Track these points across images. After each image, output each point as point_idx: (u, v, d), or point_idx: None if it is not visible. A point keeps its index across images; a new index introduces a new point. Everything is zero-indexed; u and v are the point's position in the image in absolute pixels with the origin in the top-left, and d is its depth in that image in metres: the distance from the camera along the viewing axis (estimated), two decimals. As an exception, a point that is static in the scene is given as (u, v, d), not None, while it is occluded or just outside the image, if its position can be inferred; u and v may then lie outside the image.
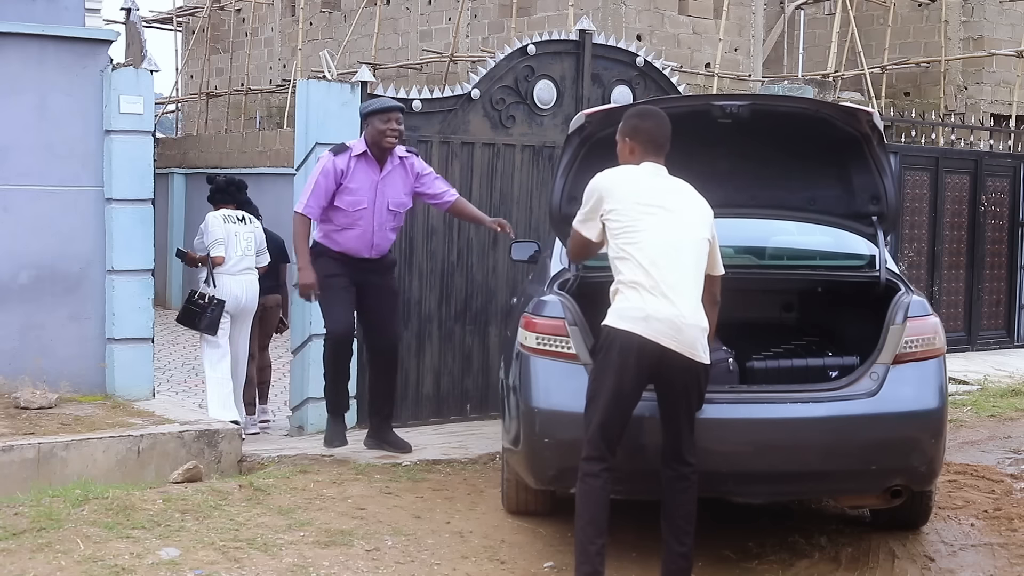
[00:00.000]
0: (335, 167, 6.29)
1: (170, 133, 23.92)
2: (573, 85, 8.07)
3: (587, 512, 4.34)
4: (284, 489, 5.69)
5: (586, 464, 4.39)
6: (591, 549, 4.28)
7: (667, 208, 4.46)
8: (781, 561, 5.00)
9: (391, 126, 6.28)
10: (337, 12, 20.34)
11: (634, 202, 4.46)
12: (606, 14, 15.06)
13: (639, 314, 4.32)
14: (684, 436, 4.46)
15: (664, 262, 4.36)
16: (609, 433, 4.38)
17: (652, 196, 4.49)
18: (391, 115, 6.29)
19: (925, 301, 5.02)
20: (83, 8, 9.55)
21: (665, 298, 4.32)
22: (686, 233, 4.45)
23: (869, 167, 5.37)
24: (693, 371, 4.39)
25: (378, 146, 6.32)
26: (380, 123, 6.26)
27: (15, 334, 7.14)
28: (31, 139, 7.17)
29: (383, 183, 6.37)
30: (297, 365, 7.41)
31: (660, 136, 4.61)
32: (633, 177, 4.56)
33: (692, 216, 4.51)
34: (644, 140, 4.61)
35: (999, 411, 8.55)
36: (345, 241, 6.39)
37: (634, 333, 4.31)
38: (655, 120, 4.64)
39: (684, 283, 4.37)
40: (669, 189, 4.55)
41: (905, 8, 17.48)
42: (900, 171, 10.89)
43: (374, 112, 6.32)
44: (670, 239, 4.41)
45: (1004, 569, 4.99)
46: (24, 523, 4.90)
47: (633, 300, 4.35)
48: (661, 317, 4.30)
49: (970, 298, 11.88)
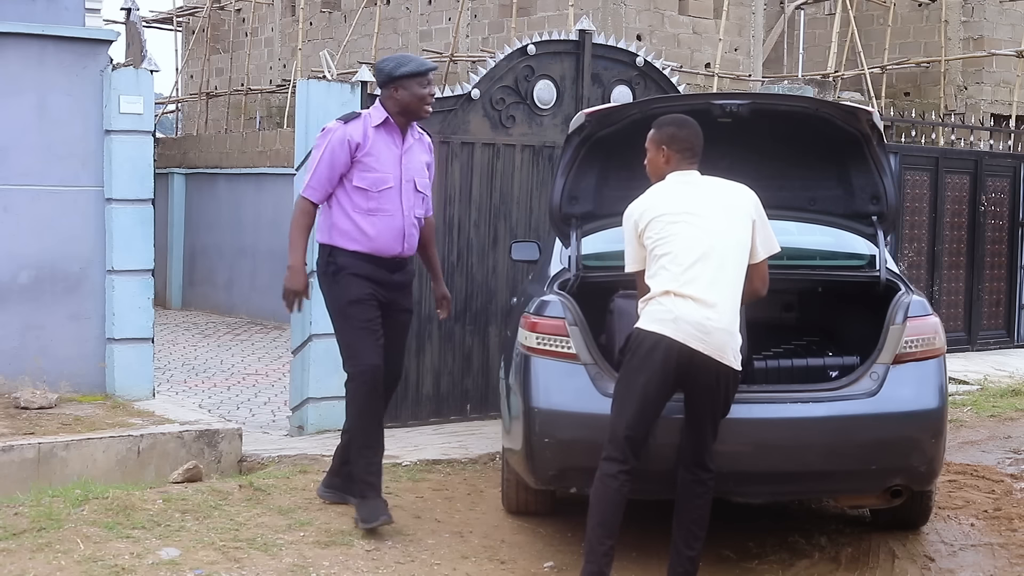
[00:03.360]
0: (348, 138, 5.11)
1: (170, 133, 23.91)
2: (573, 85, 8.06)
3: (599, 513, 4.32)
4: (284, 489, 5.68)
5: (605, 464, 4.35)
6: (599, 550, 4.26)
7: (697, 214, 4.43)
8: (781, 561, 5.00)
9: (431, 90, 5.22)
10: (337, 12, 20.33)
11: (663, 215, 4.44)
12: (606, 14, 15.06)
13: (668, 316, 4.30)
14: (707, 442, 4.45)
15: (695, 267, 4.34)
16: (635, 436, 4.34)
17: (681, 204, 4.46)
18: (430, 77, 5.23)
19: (925, 301, 5.02)
20: (83, 8, 9.55)
21: (695, 301, 4.29)
22: (719, 237, 4.41)
23: (869, 167, 5.37)
24: (721, 375, 4.36)
25: (413, 114, 5.21)
26: (419, 87, 5.15)
27: (15, 334, 7.14)
28: (31, 139, 7.17)
29: (406, 157, 5.23)
30: (297, 365, 7.41)
31: (697, 144, 4.61)
32: (659, 194, 4.55)
33: (726, 217, 4.46)
34: (681, 148, 4.58)
35: (999, 411, 8.54)
36: (374, 232, 5.13)
37: (663, 335, 4.29)
38: (691, 128, 4.62)
39: (716, 287, 4.34)
40: (699, 194, 4.51)
41: (905, 8, 17.48)
42: (900, 171, 10.89)
43: (411, 75, 5.17)
44: (701, 244, 4.37)
45: (1004, 569, 4.99)
46: (24, 523, 4.90)
47: (665, 303, 4.33)
48: (690, 320, 4.28)
49: (970, 298, 11.87)
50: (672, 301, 4.32)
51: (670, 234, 4.40)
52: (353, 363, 5.09)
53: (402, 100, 5.16)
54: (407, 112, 5.19)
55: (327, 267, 5.18)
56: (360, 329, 5.08)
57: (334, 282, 5.15)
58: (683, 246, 4.37)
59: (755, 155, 5.41)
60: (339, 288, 5.12)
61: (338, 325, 5.17)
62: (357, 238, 5.12)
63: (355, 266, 5.11)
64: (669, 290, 4.33)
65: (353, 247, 5.12)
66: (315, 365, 7.20)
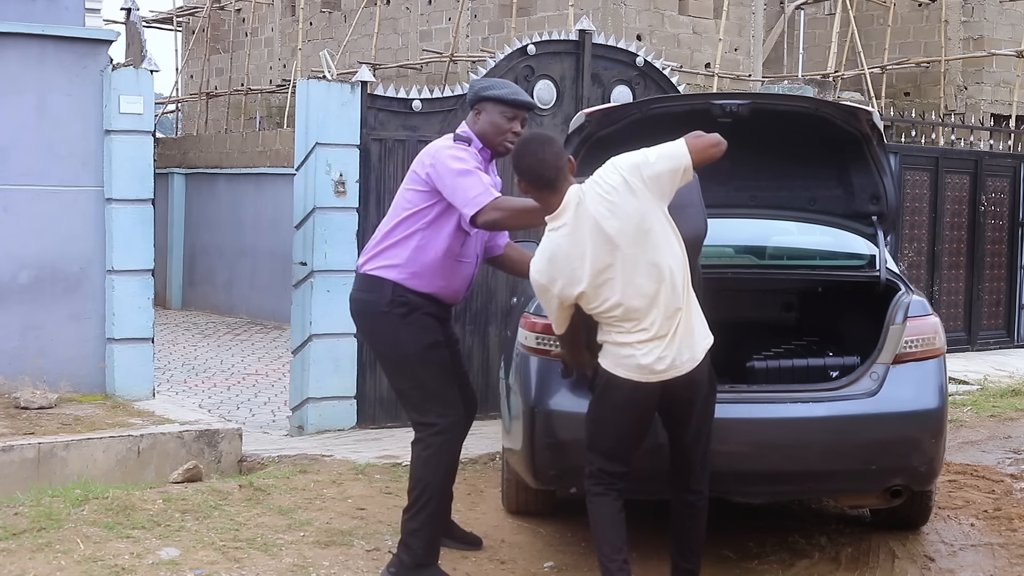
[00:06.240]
0: (483, 163, 4.56)
1: (170, 133, 23.91)
2: (573, 85, 8.06)
3: (598, 531, 4.25)
4: (284, 489, 5.69)
5: (591, 484, 4.27)
6: (612, 567, 4.18)
7: (598, 248, 4.04)
8: (781, 561, 5.00)
9: (516, 127, 4.59)
10: (337, 12, 20.34)
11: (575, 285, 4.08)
12: (606, 14, 15.06)
13: (632, 362, 4.10)
14: (693, 466, 4.34)
15: (633, 306, 4.05)
16: (615, 460, 4.24)
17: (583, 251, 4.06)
18: (519, 113, 4.61)
19: (925, 301, 5.02)
20: (83, 8, 9.55)
21: (654, 336, 4.06)
22: (634, 256, 4.04)
23: (869, 167, 5.37)
24: (695, 381, 4.20)
25: (489, 144, 4.61)
26: (504, 118, 4.57)
27: (15, 334, 7.14)
28: (31, 139, 7.17)
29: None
30: (297, 365, 7.41)
31: (542, 171, 4.13)
32: (554, 246, 4.11)
33: (624, 226, 4.04)
34: (529, 180, 4.15)
35: (999, 411, 8.55)
36: (456, 281, 4.62)
37: (633, 380, 4.12)
38: (531, 155, 4.17)
39: (658, 311, 4.06)
40: (586, 226, 4.05)
41: (905, 8, 17.48)
42: (900, 171, 10.89)
43: (497, 100, 4.57)
44: (628, 281, 4.04)
45: (1004, 569, 4.99)
46: (24, 523, 4.90)
47: (624, 348, 4.10)
48: (658, 357, 4.08)
49: (970, 298, 11.87)
50: (631, 346, 4.08)
51: (594, 285, 4.05)
52: (441, 412, 4.53)
53: (481, 125, 4.61)
54: (483, 139, 4.60)
55: (392, 306, 4.52)
56: (443, 376, 4.58)
57: (404, 323, 4.52)
58: (611, 292, 4.06)
59: (755, 155, 5.41)
60: (412, 330, 4.52)
61: (413, 370, 4.55)
62: (433, 283, 4.55)
63: (426, 306, 4.56)
64: (622, 331, 4.10)
65: (425, 290, 4.55)
66: (315, 365, 7.20)
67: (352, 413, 7.33)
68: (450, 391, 4.60)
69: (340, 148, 7.28)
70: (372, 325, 4.64)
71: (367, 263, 4.61)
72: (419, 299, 4.53)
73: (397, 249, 4.54)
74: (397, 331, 4.53)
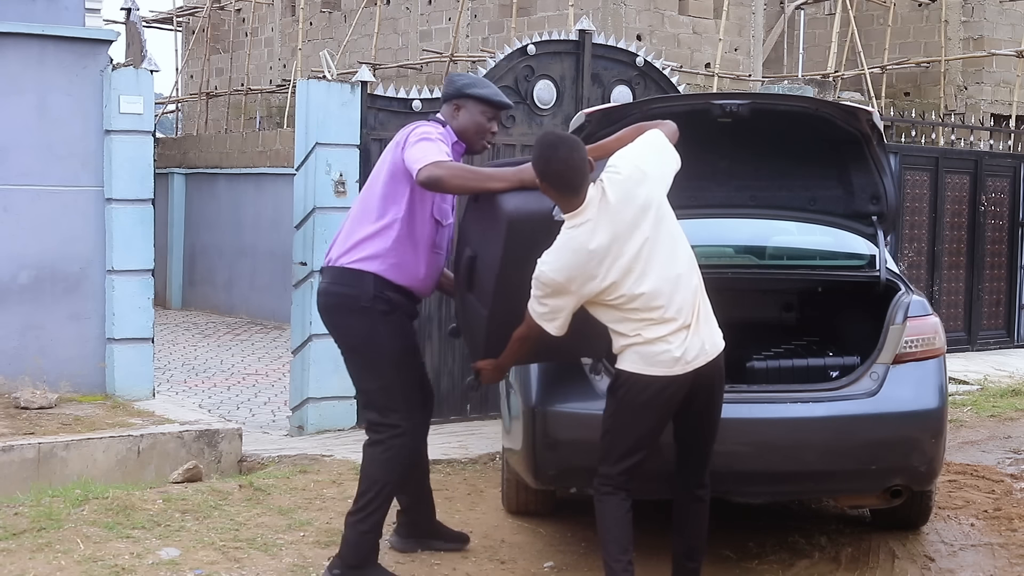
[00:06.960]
0: (451, 146, 4.51)
1: (170, 133, 23.91)
2: (573, 85, 8.06)
3: (604, 531, 4.23)
4: (284, 489, 5.69)
5: (600, 483, 4.25)
6: (617, 567, 4.17)
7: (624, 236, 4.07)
8: (781, 561, 5.00)
9: (494, 127, 4.66)
10: (337, 12, 20.34)
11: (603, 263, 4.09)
12: (606, 14, 15.06)
13: (667, 356, 4.07)
14: (706, 458, 4.33)
15: (660, 289, 4.06)
16: (636, 463, 4.22)
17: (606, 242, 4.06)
18: (498, 114, 4.69)
19: (925, 301, 5.02)
20: (83, 8, 9.55)
21: (681, 326, 4.08)
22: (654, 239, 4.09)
23: (869, 167, 5.37)
24: (720, 366, 4.21)
25: (467, 140, 4.62)
26: (485, 117, 4.60)
27: (15, 334, 7.14)
28: (31, 139, 7.17)
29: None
30: (297, 365, 7.41)
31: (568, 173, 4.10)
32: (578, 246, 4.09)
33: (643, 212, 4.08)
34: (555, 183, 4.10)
35: (999, 411, 8.55)
36: (430, 271, 4.58)
37: (667, 376, 4.09)
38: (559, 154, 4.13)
39: (681, 295, 4.09)
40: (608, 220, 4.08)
41: (905, 8, 17.48)
42: (900, 171, 10.89)
43: (484, 100, 4.60)
44: (653, 265, 4.07)
45: (1004, 569, 4.99)
46: (24, 523, 4.90)
47: (656, 345, 4.08)
48: (687, 347, 4.08)
49: (970, 298, 11.88)
50: (663, 339, 4.07)
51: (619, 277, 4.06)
52: (406, 415, 4.48)
53: (462, 122, 4.58)
54: (462, 135, 4.59)
55: (375, 302, 4.43)
56: (412, 381, 4.56)
57: (384, 321, 4.45)
58: (638, 281, 4.06)
59: (755, 155, 5.42)
60: (391, 329, 4.46)
61: (383, 371, 4.47)
62: (413, 274, 4.49)
63: (405, 305, 4.52)
64: (651, 320, 4.08)
65: (403, 282, 4.48)
66: (315, 365, 7.20)
67: (352, 413, 7.32)
68: (414, 394, 4.56)
69: (340, 148, 7.28)
70: (348, 320, 4.51)
71: (343, 256, 4.48)
72: (399, 296, 4.46)
73: (377, 239, 4.44)
74: (375, 329, 4.44)
